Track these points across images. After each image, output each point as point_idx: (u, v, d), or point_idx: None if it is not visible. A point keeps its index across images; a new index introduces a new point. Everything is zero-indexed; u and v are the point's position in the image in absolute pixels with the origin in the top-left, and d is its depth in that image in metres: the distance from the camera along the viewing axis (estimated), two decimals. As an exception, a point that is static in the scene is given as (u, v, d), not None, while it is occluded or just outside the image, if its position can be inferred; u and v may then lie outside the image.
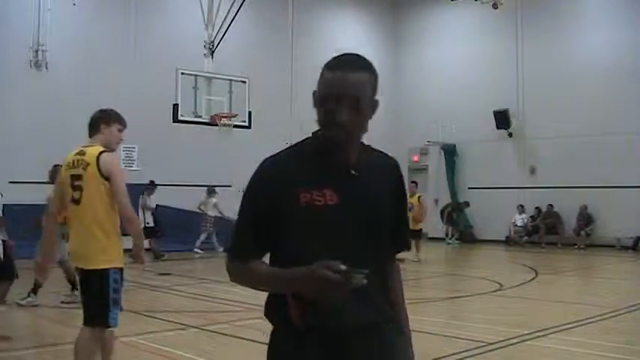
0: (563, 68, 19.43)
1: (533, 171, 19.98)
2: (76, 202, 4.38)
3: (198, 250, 16.40)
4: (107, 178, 4.35)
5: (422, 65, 22.97)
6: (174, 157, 17.62)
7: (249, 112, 16.17)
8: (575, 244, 18.30)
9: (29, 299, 8.42)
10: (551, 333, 6.85)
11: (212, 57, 15.79)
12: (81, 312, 4.44)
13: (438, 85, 22.23)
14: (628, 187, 17.77)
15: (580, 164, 18.48)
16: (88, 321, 4.37)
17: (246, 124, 16.21)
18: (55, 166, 11.15)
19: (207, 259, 15.77)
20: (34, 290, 8.44)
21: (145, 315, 8.09)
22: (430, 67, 22.66)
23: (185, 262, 14.84)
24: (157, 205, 15.71)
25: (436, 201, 22.41)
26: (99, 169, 4.34)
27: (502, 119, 20.21)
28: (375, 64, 2.30)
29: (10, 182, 14.96)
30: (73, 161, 4.46)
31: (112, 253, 4.34)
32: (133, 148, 17.27)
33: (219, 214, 16.58)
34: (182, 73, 15.25)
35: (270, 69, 19.83)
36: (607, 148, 18.11)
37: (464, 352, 6.03)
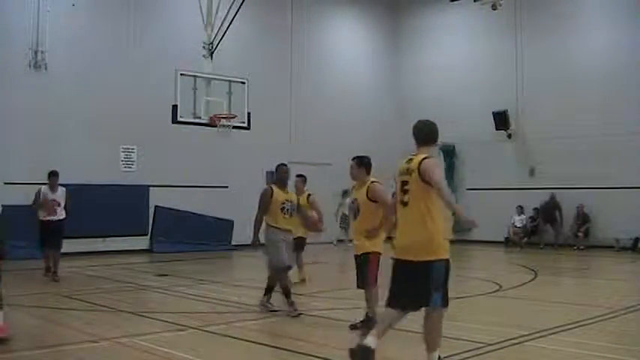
0: (562, 69, 19.43)
1: (532, 172, 19.97)
2: (405, 204, 5.13)
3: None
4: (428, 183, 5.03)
5: (421, 66, 22.98)
6: (173, 158, 17.62)
7: (248, 113, 16.18)
8: (575, 245, 18.30)
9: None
10: (550, 334, 6.84)
11: (211, 58, 15.80)
12: (78, 313, 4.43)
13: (437, 86, 22.24)
14: (627, 187, 17.77)
15: (579, 165, 18.49)
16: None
17: (245, 124, 16.22)
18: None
19: (207, 259, 15.76)
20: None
21: (143, 316, 8.08)
22: (429, 67, 22.66)
23: (184, 263, 14.82)
24: None
25: (435, 202, 22.41)
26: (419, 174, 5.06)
27: (501, 120, 20.22)
28: (375, 65, 2.30)
29: (6, 183, 14.97)
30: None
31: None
32: (133, 148, 17.27)
33: None
34: (181, 74, 15.25)
35: (270, 70, 19.84)
36: (606, 149, 18.11)
37: (463, 352, 6.03)
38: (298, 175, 11.13)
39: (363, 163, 7.12)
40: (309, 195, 10.73)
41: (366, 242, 6.88)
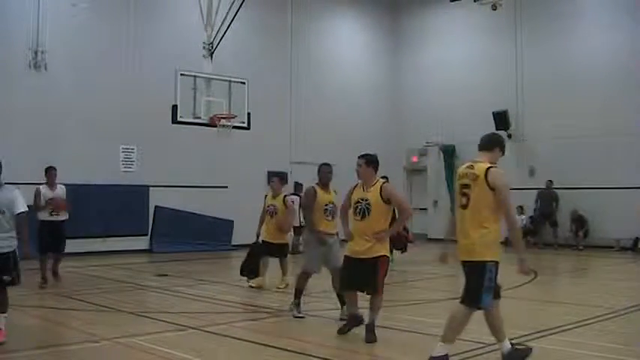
0: (562, 69, 19.43)
1: (532, 172, 19.97)
2: (464, 206, 5.38)
3: None
4: (493, 189, 5.29)
5: (421, 66, 22.97)
6: (173, 158, 17.61)
7: (249, 114, 16.18)
8: (574, 245, 18.29)
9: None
10: (550, 334, 6.85)
11: (211, 58, 15.78)
12: (78, 313, 4.44)
13: (437, 86, 22.24)
14: (627, 188, 17.77)
15: (579, 165, 18.49)
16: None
17: (245, 125, 16.22)
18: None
19: (207, 259, 15.76)
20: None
21: (143, 316, 8.08)
22: (429, 68, 22.66)
23: (183, 263, 14.82)
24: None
25: (435, 202, 22.43)
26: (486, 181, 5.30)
27: (501, 120, 20.20)
28: (375, 65, 2.30)
29: (6, 183, 14.94)
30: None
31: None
32: (132, 149, 17.27)
33: None
34: (181, 75, 15.25)
35: (270, 70, 19.84)
36: (606, 150, 18.12)
37: (463, 352, 6.03)
38: (275, 175, 10.90)
39: (371, 162, 6.79)
40: (285, 197, 10.57)
41: (377, 244, 6.58)
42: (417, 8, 23.37)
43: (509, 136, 20.44)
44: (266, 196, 10.76)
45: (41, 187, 10.74)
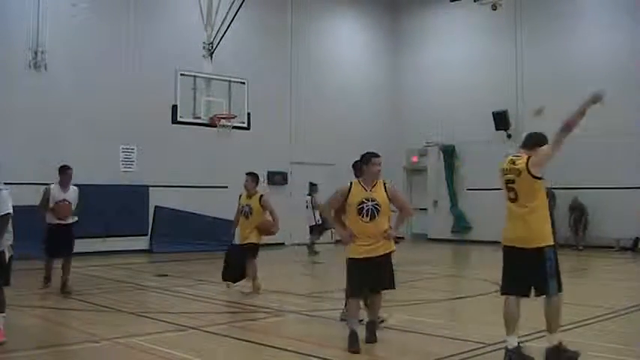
0: (562, 69, 19.42)
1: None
2: (513, 200, 5.77)
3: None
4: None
5: (421, 66, 22.98)
6: (173, 158, 17.62)
7: (248, 114, 16.19)
8: (575, 245, 18.29)
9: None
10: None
11: (211, 58, 15.80)
12: (78, 313, 4.44)
13: (437, 86, 22.24)
14: (627, 188, 17.77)
15: (579, 165, 18.46)
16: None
17: (245, 125, 16.23)
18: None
19: (207, 259, 15.76)
20: None
21: (143, 316, 8.08)
22: (429, 68, 22.66)
23: (183, 263, 14.82)
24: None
25: (435, 202, 22.42)
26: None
27: (501, 120, 20.21)
28: (375, 65, 2.29)
29: (6, 183, 14.94)
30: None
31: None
32: (132, 149, 17.28)
33: None
34: (181, 75, 15.27)
35: (269, 70, 19.84)
36: (607, 149, 18.10)
37: (464, 352, 6.04)
38: (248, 174, 10.05)
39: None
40: (261, 196, 9.87)
41: (386, 242, 6.46)
42: (417, 8, 23.37)
43: (509, 136, 20.45)
44: (240, 196, 10.16)
45: (52, 186, 9.85)
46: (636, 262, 15.81)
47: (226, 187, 18.45)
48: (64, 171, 9.90)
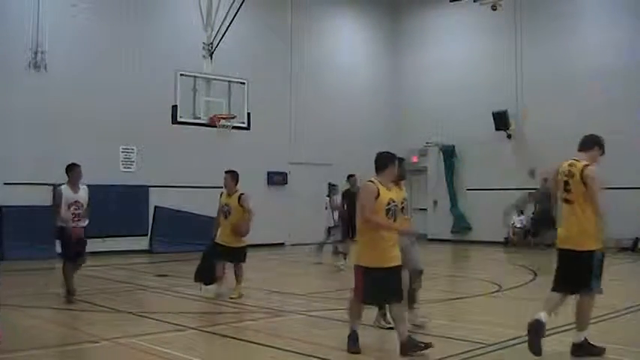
0: (562, 69, 19.43)
1: (532, 172, 19.95)
2: (567, 201, 5.92)
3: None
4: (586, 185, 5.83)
5: (421, 66, 22.98)
6: (173, 159, 17.62)
7: (248, 114, 16.17)
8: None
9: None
10: (550, 334, 6.83)
11: (211, 58, 15.78)
12: (78, 313, 4.44)
13: (436, 86, 22.25)
14: (627, 188, 17.75)
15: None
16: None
17: (245, 125, 16.21)
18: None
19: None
20: None
21: (143, 316, 8.08)
22: (429, 68, 22.66)
23: (183, 263, 14.80)
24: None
25: (435, 202, 22.43)
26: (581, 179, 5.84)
27: (501, 120, 20.21)
28: (374, 65, 2.29)
29: (6, 183, 14.99)
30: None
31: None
32: (132, 149, 17.28)
33: None
34: (181, 75, 15.23)
35: (269, 70, 19.84)
36: (607, 149, 18.05)
37: (464, 352, 6.03)
38: (227, 172, 9.77)
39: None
40: (240, 195, 9.50)
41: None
42: (417, 8, 23.38)
43: (509, 136, 20.46)
44: (221, 194, 9.79)
45: (62, 187, 9.13)
46: (636, 262, 15.81)
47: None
48: (73, 169, 9.20)
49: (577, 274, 5.90)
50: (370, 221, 5.89)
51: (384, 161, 6.12)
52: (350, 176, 13.75)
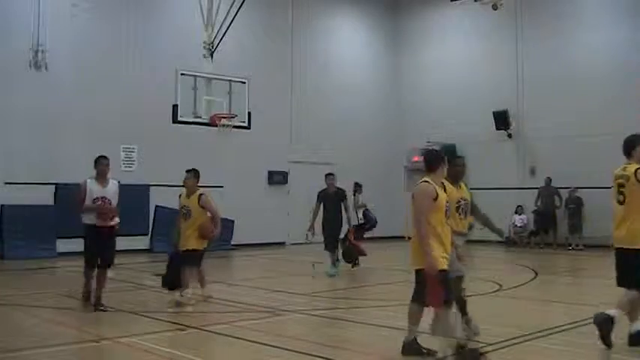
0: (562, 69, 19.42)
1: (533, 172, 19.96)
2: (621, 202, 6.24)
3: None
4: None
5: (421, 66, 22.97)
6: (173, 158, 17.59)
7: (249, 113, 16.20)
8: (575, 245, 18.28)
9: None
10: (550, 334, 6.85)
11: (211, 58, 15.80)
12: (78, 313, 4.43)
13: (437, 86, 22.24)
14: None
15: (580, 165, 18.47)
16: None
17: (246, 124, 16.23)
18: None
19: (207, 259, 15.73)
20: None
21: (143, 316, 8.08)
22: (430, 67, 22.66)
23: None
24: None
25: (435, 202, 22.39)
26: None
27: (502, 120, 20.21)
28: (375, 65, 2.29)
29: (7, 183, 15.00)
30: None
31: None
32: (133, 148, 17.27)
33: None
34: (182, 74, 15.28)
35: (270, 70, 19.84)
36: (607, 149, 17.99)
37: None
38: (188, 171, 9.35)
39: None
40: (200, 195, 9.05)
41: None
42: (417, 8, 23.37)
43: (510, 135, 20.46)
44: (180, 195, 9.35)
45: (88, 180, 8.42)
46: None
47: (222, 186, 18.50)
48: (98, 161, 8.48)
49: (630, 271, 6.20)
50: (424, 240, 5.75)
51: (436, 160, 6.02)
52: (328, 175, 12.97)
